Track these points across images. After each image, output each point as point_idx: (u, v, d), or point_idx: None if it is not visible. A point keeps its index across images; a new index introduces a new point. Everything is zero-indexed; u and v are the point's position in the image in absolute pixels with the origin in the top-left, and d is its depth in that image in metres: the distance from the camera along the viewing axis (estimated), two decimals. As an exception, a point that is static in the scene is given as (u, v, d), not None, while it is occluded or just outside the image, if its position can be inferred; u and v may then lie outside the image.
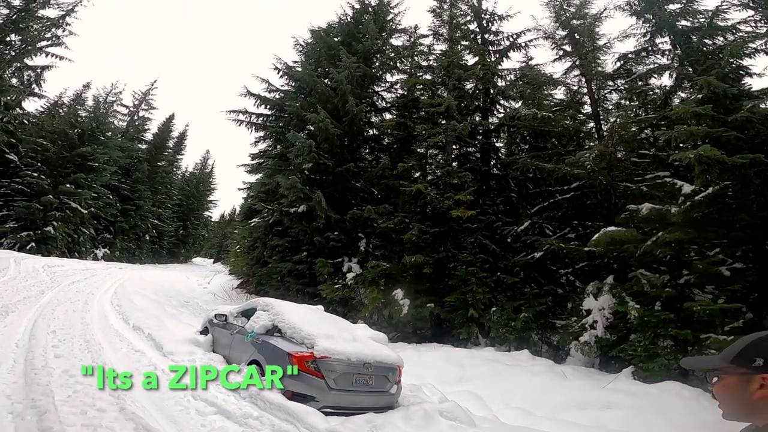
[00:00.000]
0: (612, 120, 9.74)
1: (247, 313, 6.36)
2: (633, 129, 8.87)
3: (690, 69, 7.94)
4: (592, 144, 9.74)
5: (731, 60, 7.51)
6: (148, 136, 35.61)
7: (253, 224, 13.93)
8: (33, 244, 21.84)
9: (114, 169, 27.56)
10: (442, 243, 10.36)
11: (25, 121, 23.85)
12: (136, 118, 34.75)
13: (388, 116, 13.78)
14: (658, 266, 7.41)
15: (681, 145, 7.44)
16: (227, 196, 76.04)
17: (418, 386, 5.58)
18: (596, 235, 7.66)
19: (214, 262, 41.59)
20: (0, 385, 3.92)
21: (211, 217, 49.01)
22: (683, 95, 8.60)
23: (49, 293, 10.54)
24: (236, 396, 4.56)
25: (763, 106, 6.99)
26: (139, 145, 33.90)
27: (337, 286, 10.53)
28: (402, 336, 9.48)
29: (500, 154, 12.36)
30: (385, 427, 4.42)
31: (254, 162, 15.75)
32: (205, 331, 6.90)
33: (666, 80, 9.27)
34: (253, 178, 15.69)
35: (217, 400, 4.33)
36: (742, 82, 7.80)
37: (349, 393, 5.05)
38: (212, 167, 47.31)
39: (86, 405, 3.67)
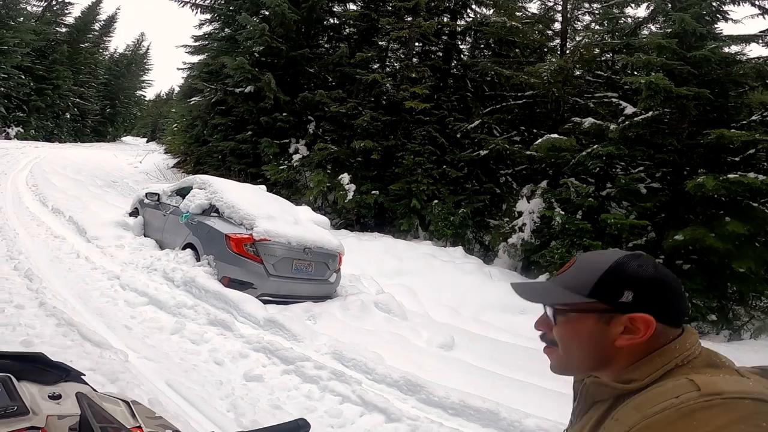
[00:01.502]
0: (578, 39, 9.71)
1: (182, 192, 5.58)
2: (596, 51, 8.93)
3: (669, 5, 7.39)
4: (553, 59, 9.45)
5: (714, 3, 7.12)
6: (70, 20, 30.96)
7: (193, 102, 12.28)
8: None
9: (27, 51, 24.15)
10: (392, 131, 9.86)
11: None
12: (54, 3, 29.42)
13: (352, 7, 12.00)
14: (586, 177, 7.75)
15: (635, 73, 7.42)
16: (165, 78, 67.53)
17: (357, 276, 5.50)
18: (539, 140, 7.70)
19: (147, 141, 38.10)
20: None
21: (144, 96, 45.28)
22: (653, 28, 8.46)
23: (-45, 175, 8.87)
24: (170, 284, 4.15)
25: (726, 49, 6.82)
26: (58, 29, 29.64)
27: (282, 167, 9.79)
28: (345, 223, 9.35)
29: (462, 56, 11.51)
30: (322, 316, 4.34)
31: (197, 44, 13.81)
32: (134, 213, 6.08)
33: (642, 12, 9.14)
34: (195, 59, 13.87)
35: (148, 289, 3.90)
36: (715, 25, 7.48)
37: (289, 280, 4.73)
38: (147, 49, 42.47)
39: (3, 302, 3.14)
